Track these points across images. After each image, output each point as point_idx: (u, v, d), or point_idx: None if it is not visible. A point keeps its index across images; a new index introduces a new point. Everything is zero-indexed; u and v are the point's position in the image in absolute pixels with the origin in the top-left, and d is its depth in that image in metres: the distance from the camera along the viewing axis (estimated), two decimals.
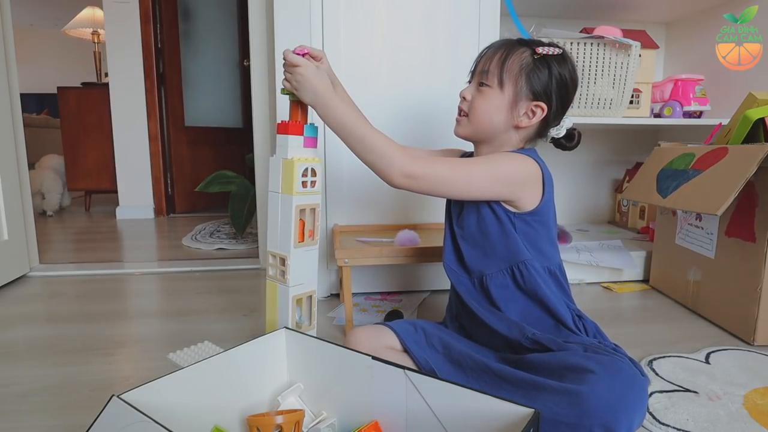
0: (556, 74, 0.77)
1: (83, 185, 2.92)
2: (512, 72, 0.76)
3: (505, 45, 0.79)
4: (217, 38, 3.04)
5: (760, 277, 1.01)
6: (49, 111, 5.56)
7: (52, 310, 1.26)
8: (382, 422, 0.62)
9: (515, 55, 0.77)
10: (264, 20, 1.54)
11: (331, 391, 0.66)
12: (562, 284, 0.82)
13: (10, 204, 1.45)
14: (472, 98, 0.80)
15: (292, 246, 0.80)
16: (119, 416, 0.49)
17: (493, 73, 0.77)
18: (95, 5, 3.40)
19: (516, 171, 0.77)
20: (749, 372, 0.91)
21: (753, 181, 1.02)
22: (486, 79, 0.78)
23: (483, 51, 0.81)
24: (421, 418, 0.58)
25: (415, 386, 0.58)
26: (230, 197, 2.03)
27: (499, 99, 0.77)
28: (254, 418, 0.62)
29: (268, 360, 0.70)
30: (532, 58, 0.76)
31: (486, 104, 0.78)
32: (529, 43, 0.78)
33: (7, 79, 1.46)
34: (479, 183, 0.76)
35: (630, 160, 1.95)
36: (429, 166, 0.75)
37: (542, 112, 0.77)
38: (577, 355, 0.62)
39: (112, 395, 0.52)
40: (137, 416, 0.48)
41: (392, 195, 1.33)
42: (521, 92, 0.77)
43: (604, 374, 0.57)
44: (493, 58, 0.78)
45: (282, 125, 0.81)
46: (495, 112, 0.78)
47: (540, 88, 0.77)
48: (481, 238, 0.81)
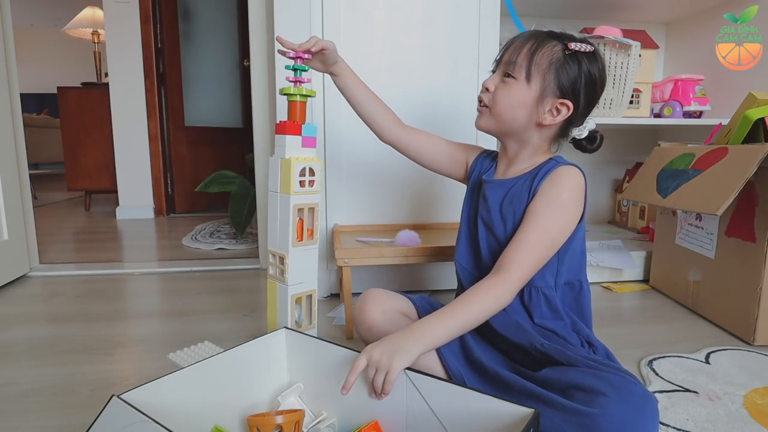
0: (586, 72, 0.73)
1: (83, 185, 2.91)
2: (541, 65, 0.72)
3: (536, 36, 0.74)
4: (217, 38, 3.04)
5: (760, 277, 1.01)
6: (49, 111, 5.57)
7: (52, 310, 1.26)
8: (382, 422, 0.62)
9: (546, 47, 0.72)
10: (264, 20, 1.54)
11: (332, 391, 0.66)
12: (580, 301, 0.78)
13: (10, 204, 1.45)
14: (496, 89, 0.75)
15: (291, 245, 0.80)
16: (119, 416, 0.49)
17: (520, 64, 0.72)
18: (95, 5, 3.40)
19: (580, 200, 0.74)
20: (749, 372, 0.91)
21: (753, 181, 1.02)
22: (512, 71, 0.73)
23: (511, 40, 0.76)
24: (421, 418, 0.58)
25: (415, 386, 0.58)
26: (230, 197, 2.03)
27: (525, 93, 0.73)
28: (254, 418, 0.62)
29: (268, 360, 0.70)
30: (564, 53, 0.72)
31: (510, 97, 0.74)
32: (560, 36, 0.74)
33: (7, 79, 1.46)
34: (561, 238, 0.73)
35: (630, 160, 1.95)
36: (522, 272, 0.69)
37: (567, 111, 0.74)
38: (588, 375, 0.60)
39: (112, 395, 0.52)
40: (137, 416, 0.48)
41: (392, 195, 1.34)
42: (548, 88, 0.73)
43: (615, 397, 0.55)
44: (522, 48, 0.73)
45: (280, 125, 0.81)
46: (519, 106, 0.74)
47: (568, 85, 0.73)
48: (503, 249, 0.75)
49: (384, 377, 0.58)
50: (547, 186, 0.73)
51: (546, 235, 0.71)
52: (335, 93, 1.27)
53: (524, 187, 0.76)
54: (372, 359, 0.59)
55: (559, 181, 0.73)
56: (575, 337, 0.74)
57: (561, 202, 0.72)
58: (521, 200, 0.75)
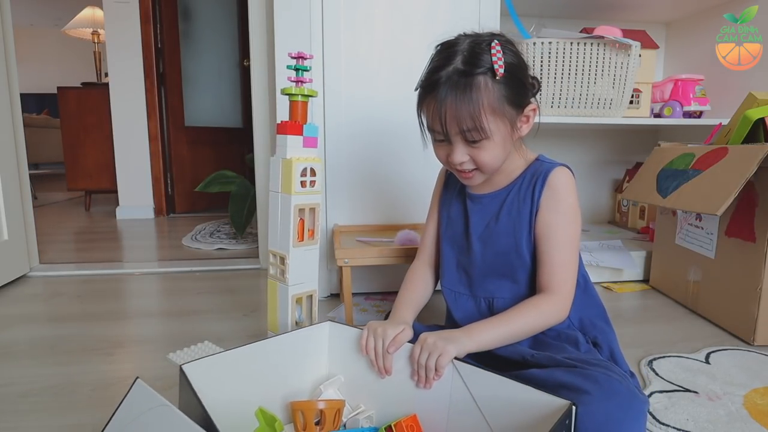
0: (518, 69, 0.68)
1: (83, 185, 2.91)
2: (494, 110, 0.66)
3: (456, 87, 0.65)
4: (217, 38, 3.04)
5: (760, 277, 1.01)
6: (49, 111, 5.57)
7: (52, 310, 1.26)
8: (421, 416, 0.62)
9: (482, 95, 0.64)
10: (264, 20, 1.54)
11: (371, 384, 0.67)
12: (589, 293, 0.79)
13: (10, 204, 1.45)
14: (472, 155, 0.69)
15: (291, 245, 0.80)
16: (142, 400, 0.50)
17: (473, 129, 0.66)
18: (95, 5, 3.40)
19: (577, 198, 0.74)
20: (749, 372, 0.91)
21: (753, 181, 1.02)
22: (471, 137, 0.67)
23: (437, 105, 0.66)
24: (463, 409, 0.58)
25: (460, 375, 0.59)
26: (230, 197, 2.03)
27: (498, 140, 0.68)
28: (298, 403, 0.63)
29: (310, 351, 0.71)
30: (494, 78, 0.65)
31: (493, 152, 0.69)
32: (472, 59, 0.65)
33: (7, 79, 1.46)
34: (579, 239, 0.74)
35: (630, 160, 1.95)
36: (568, 289, 0.71)
37: (534, 112, 0.72)
38: (573, 374, 0.60)
39: (137, 378, 0.53)
40: (159, 400, 0.48)
41: (392, 195, 1.34)
42: (513, 115, 0.69)
43: (599, 395, 0.55)
44: (460, 114, 0.65)
45: (281, 125, 0.81)
46: (502, 151, 0.70)
47: (522, 94, 0.69)
48: (506, 262, 0.75)
49: (435, 361, 0.60)
50: (550, 197, 0.72)
51: (572, 246, 0.72)
52: (336, 93, 1.28)
53: (523, 196, 0.74)
54: (426, 343, 0.62)
55: (559, 188, 0.72)
56: (581, 336, 0.74)
57: (569, 208, 0.73)
58: (522, 210, 0.74)
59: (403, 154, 1.31)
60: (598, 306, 0.80)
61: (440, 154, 0.73)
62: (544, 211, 0.72)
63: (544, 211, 0.72)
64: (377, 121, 1.30)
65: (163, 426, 0.47)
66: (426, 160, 1.31)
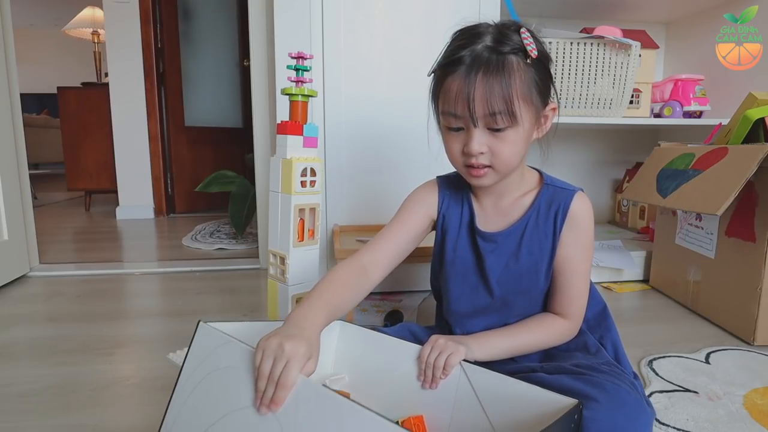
0: (548, 57, 0.65)
1: (83, 185, 2.91)
2: (524, 96, 0.60)
3: (491, 66, 0.59)
4: (217, 38, 3.04)
5: (760, 277, 1.01)
6: (49, 111, 5.57)
7: (52, 310, 1.26)
8: (426, 416, 0.62)
9: (514, 76, 0.59)
10: (264, 20, 1.54)
11: (377, 385, 0.66)
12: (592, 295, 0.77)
13: (10, 204, 1.45)
14: (491, 147, 0.62)
15: (291, 245, 0.80)
16: (209, 340, 0.55)
17: (503, 112, 0.59)
18: (95, 5, 3.40)
19: None
20: (749, 372, 0.91)
21: (753, 181, 1.02)
22: (497, 123, 0.60)
23: (464, 86, 0.60)
24: (467, 410, 0.58)
25: (467, 376, 0.59)
26: (230, 197, 2.03)
27: (522, 132, 0.62)
28: None
29: None
30: (526, 61, 0.61)
31: (514, 147, 0.62)
32: (501, 39, 0.61)
33: (7, 79, 1.46)
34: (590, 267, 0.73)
35: (630, 160, 1.95)
36: (578, 317, 0.70)
37: (554, 113, 0.67)
38: (582, 381, 0.59)
39: (199, 320, 0.56)
40: (224, 338, 0.53)
41: (392, 195, 1.33)
42: (539, 107, 0.63)
43: (606, 404, 0.54)
44: (492, 94, 0.59)
45: (281, 125, 0.81)
46: (523, 147, 0.64)
47: (546, 89, 0.64)
48: (528, 298, 0.72)
49: (445, 360, 0.59)
50: (572, 231, 0.68)
51: (586, 277, 0.71)
52: (336, 93, 1.28)
53: (543, 230, 0.69)
54: (438, 343, 0.61)
55: (582, 221, 0.69)
56: (591, 339, 0.73)
57: (589, 241, 0.71)
58: (543, 246, 0.69)
59: (403, 154, 1.31)
60: (600, 304, 0.79)
61: (454, 147, 0.64)
62: (565, 246, 0.68)
63: (565, 245, 0.68)
64: (377, 121, 1.30)
65: (233, 357, 0.51)
66: (426, 159, 1.32)
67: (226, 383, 0.52)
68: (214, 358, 0.54)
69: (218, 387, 0.53)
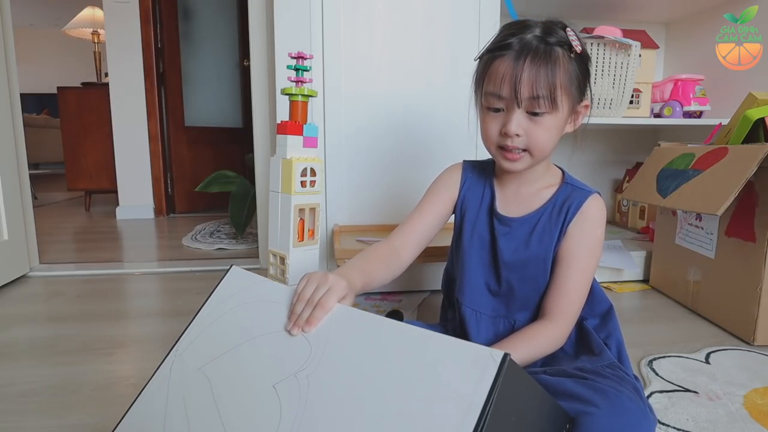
0: (588, 57, 0.69)
1: (83, 185, 2.91)
2: (564, 85, 0.65)
3: (539, 53, 0.64)
4: (217, 38, 3.04)
5: (760, 277, 1.01)
6: (49, 111, 5.57)
7: (52, 310, 1.26)
8: None
9: (559, 65, 0.65)
10: (264, 20, 1.54)
11: None
12: (595, 294, 0.78)
13: (10, 204, 1.45)
14: (528, 131, 0.66)
15: (291, 245, 0.80)
16: (240, 280, 0.58)
17: (545, 97, 0.64)
18: (95, 5, 3.40)
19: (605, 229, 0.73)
20: (749, 372, 0.91)
21: (753, 181, 1.02)
22: (538, 106, 0.64)
23: (511, 69, 0.64)
24: None
25: None
26: (230, 197, 2.03)
27: (558, 121, 0.67)
28: None
29: None
30: (569, 55, 0.66)
31: (549, 133, 0.67)
32: (549, 32, 0.67)
33: (7, 79, 1.46)
34: (594, 272, 0.73)
35: (630, 160, 1.95)
36: (568, 318, 0.70)
37: (586, 110, 0.70)
38: (582, 385, 0.59)
39: (231, 265, 0.61)
40: (254, 278, 0.57)
41: (392, 195, 1.34)
42: (575, 100, 0.68)
43: (607, 410, 0.54)
44: (538, 78, 0.63)
45: (281, 125, 0.81)
46: (556, 135, 0.68)
47: (584, 86, 0.68)
48: (534, 288, 0.73)
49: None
50: (580, 226, 0.71)
51: (586, 275, 0.71)
52: (336, 93, 1.28)
53: (554, 222, 0.72)
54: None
55: (591, 220, 0.72)
56: (596, 340, 0.73)
57: (595, 239, 0.72)
58: (551, 237, 0.72)
59: (403, 154, 1.31)
60: (606, 304, 0.79)
61: (491, 127, 0.68)
62: (569, 238, 0.71)
63: (569, 238, 0.71)
64: (377, 121, 1.30)
65: (265, 293, 0.54)
66: (426, 159, 1.32)
67: (254, 314, 0.54)
68: (242, 294, 0.57)
69: (244, 317, 0.55)
